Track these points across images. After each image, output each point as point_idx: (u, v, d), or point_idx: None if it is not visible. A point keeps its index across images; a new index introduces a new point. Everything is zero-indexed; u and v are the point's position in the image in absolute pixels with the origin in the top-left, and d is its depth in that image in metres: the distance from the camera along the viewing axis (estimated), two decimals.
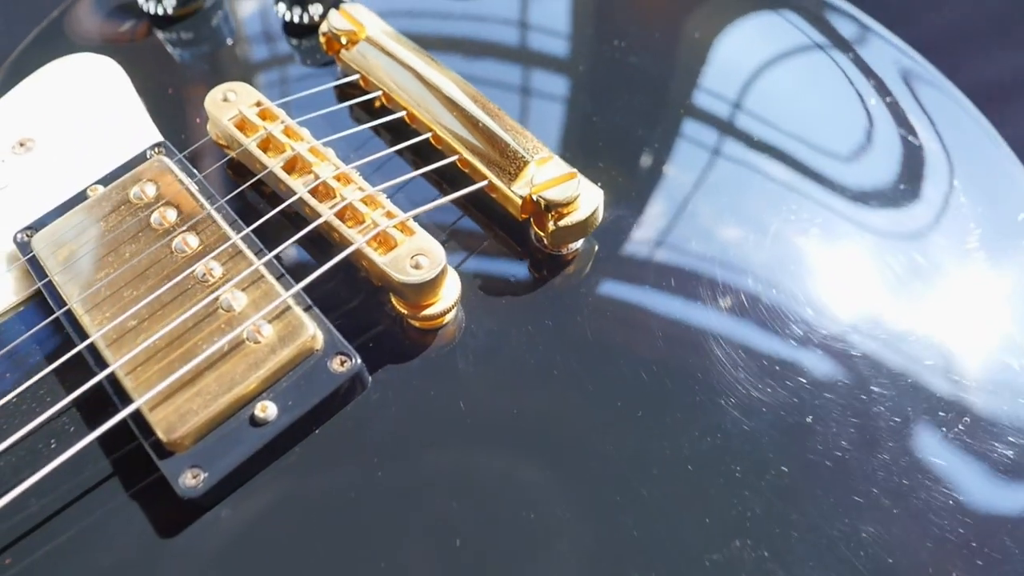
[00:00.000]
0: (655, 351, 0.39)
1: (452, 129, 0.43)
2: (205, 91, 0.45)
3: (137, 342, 0.36)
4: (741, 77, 0.49)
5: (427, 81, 0.44)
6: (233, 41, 0.53)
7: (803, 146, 0.45)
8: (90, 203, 0.40)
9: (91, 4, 0.56)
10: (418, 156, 0.45)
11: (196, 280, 0.38)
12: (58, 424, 0.37)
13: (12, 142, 0.46)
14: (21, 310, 0.41)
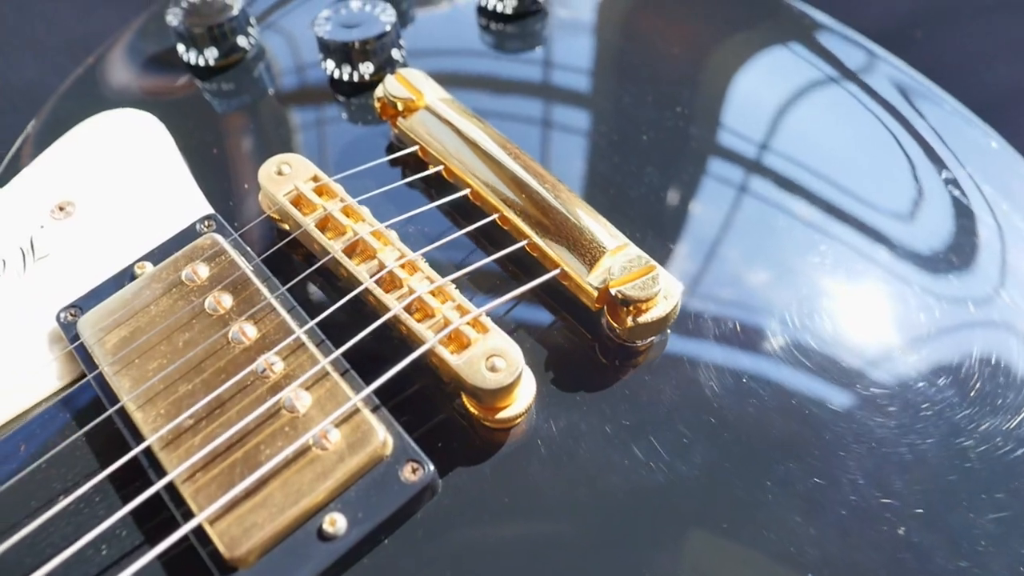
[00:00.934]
0: (745, 442, 0.37)
1: (522, 212, 0.41)
2: (250, 151, 0.44)
3: (195, 444, 0.35)
4: (815, 154, 0.47)
5: (494, 159, 0.43)
6: (278, 97, 0.51)
7: (893, 224, 0.43)
8: (139, 284, 0.38)
9: (126, 53, 0.54)
10: (484, 238, 0.43)
11: (256, 376, 0.36)
12: (109, 530, 0.34)
13: (51, 205, 0.44)
14: (64, 394, 0.39)
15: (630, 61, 0.52)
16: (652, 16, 0.55)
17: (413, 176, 0.44)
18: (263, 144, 0.47)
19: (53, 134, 0.49)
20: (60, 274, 0.42)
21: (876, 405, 0.37)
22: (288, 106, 0.50)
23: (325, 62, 0.50)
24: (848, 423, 0.37)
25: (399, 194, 0.44)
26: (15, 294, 0.41)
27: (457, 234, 0.41)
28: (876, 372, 0.38)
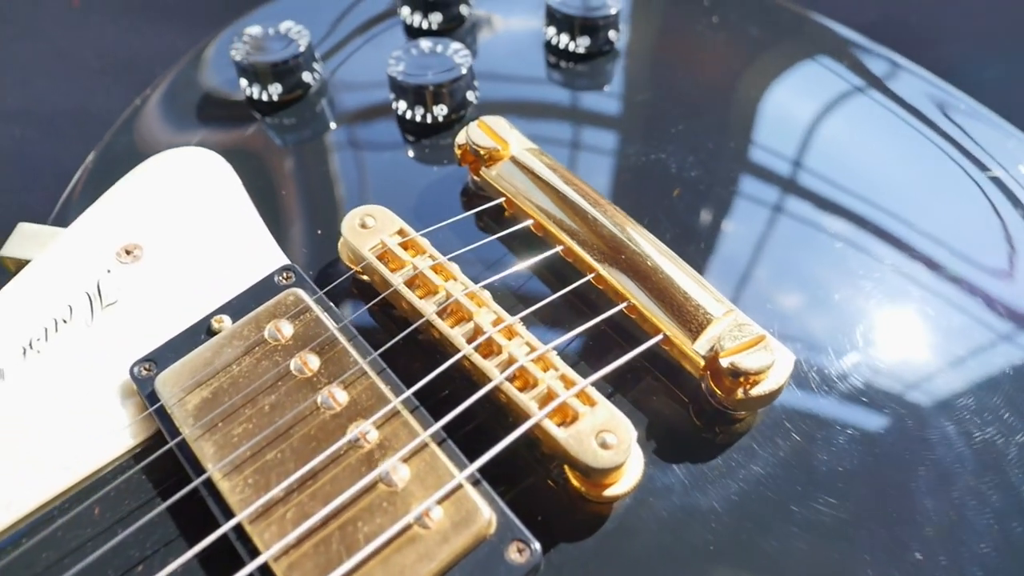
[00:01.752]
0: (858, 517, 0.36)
1: (620, 273, 0.40)
2: (318, 194, 0.44)
3: (287, 519, 0.33)
4: None
5: (589, 217, 0.41)
6: (344, 136, 0.50)
7: None
8: (220, 341, 0.36)
9: (184, 85, 0.51)
10: (579, 300, 0.42)
11: (349, 445, 0.34)
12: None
13: (117, 248, 0.42)
14: (145, 461, 0.37)
15: (707, 110, 0.50)
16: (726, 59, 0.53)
17: (502, 232, 0.43)
18: (331, 187, 0.45)
19: (111, 170, 0.48)
20: (130, 323, 0.40)
21: None
22: (356, 146, 0.49)
23: (397, 102, 0.48)
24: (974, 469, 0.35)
25: (487, 249, 0.42)
26: (84, 343, 0.40)
27: (553, 297, 0.40)
28: None
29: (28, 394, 0.38)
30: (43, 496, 0.35)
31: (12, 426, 0.37)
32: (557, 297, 0.40)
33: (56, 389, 0.38)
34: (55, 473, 0.36)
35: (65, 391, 0.38)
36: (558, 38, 0.53)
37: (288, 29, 0.51)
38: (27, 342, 0.39)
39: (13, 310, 0.40)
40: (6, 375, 0.38)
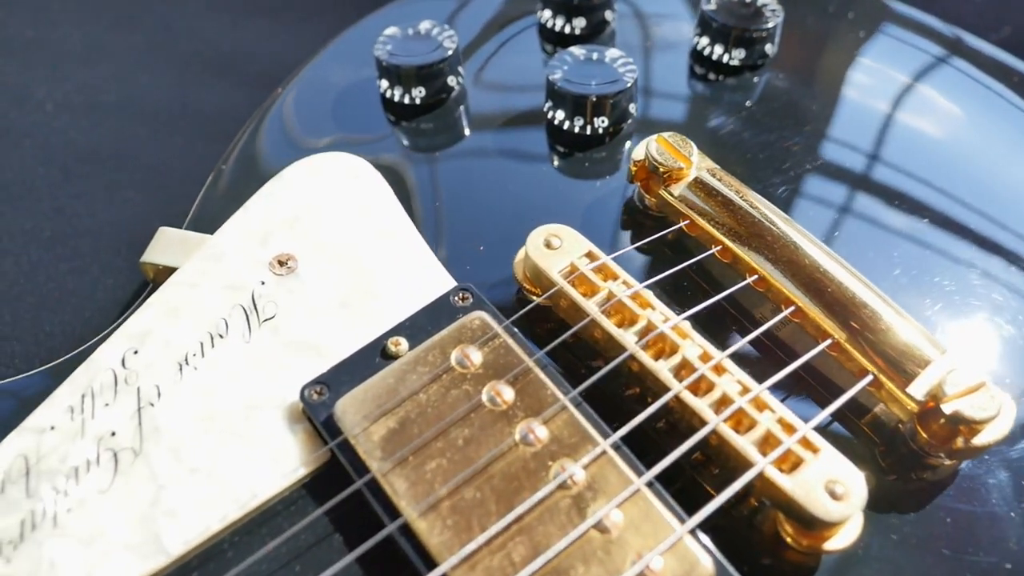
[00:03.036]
0: None
1: (825, 308, 0.37)
2: (467, 206, 0.43)
3: (495, 568, 0.31)
4: None
5: (789, 247, 0.39)
6: (493, 142, 0.49)
7: None
8: (403, 367, 0.33)
9: (317, 85, 0.49)
10: (777, 334, 0.39)
11: (557, 487, 0.32)
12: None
13: (270, 258, 0.39)
14: (309, 482, 0.35)
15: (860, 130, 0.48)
16: (882, 77, 0.51)
17: (691, 259, 0.40)
18: (483, 199, 0.43)
19: (247, 173, 0.46)
20: (290, 340, 0.38)
21: None
22: (504, 156, 0.47)
23: (555, 111, 0.45)
24: None
25: (671, 276, 0.39)
26: (244, 361, 0.38)
27: (756, 333, 0.38)
28: None
29: (187, 414, 0.36)
30: (213, 526, 0.33)
31: (170, 446, 0.35)
32: (759, 333, 0.38)
33: (216, 409, 0.36)
34: (222, 502, 0.34)
35: (226, 412, 0.36)
36: (711, 49, 0.51)
37: (432, 30, 0.48)
38: (183, 358, 0.37)
39: (165, 322, 0.38)
40: (162, 393, 0.36)
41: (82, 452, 0.35)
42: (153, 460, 0.34)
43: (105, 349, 0.37)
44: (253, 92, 0.63)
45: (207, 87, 0.64)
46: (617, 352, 0.35)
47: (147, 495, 0.34)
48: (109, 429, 0.35)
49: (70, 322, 0.51)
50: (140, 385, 0.36)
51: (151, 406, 0.36)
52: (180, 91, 0.64)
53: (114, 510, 0.33)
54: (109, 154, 0.60)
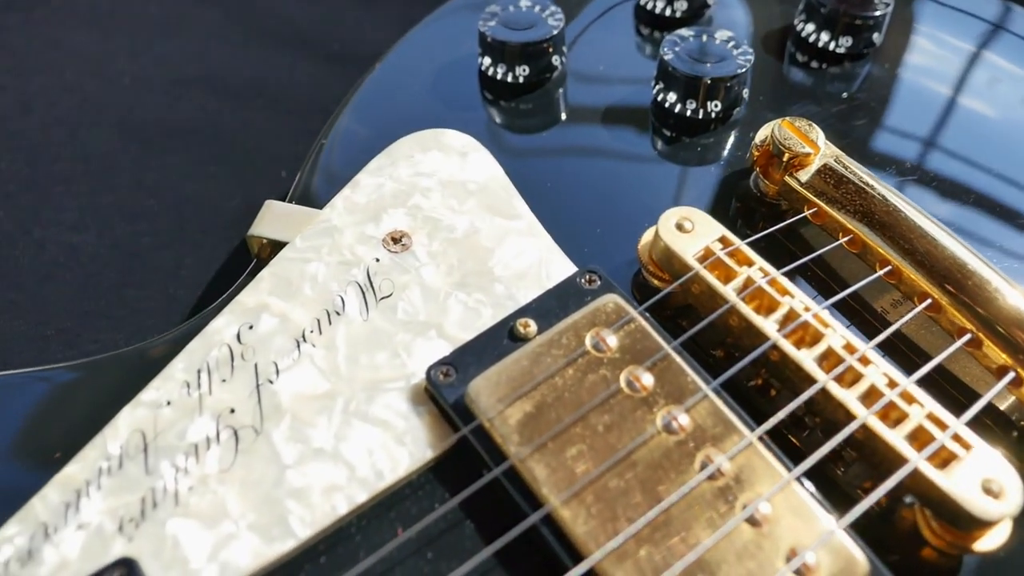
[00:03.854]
0: None
1: (965, 304, 0.36)
2: (575, 187, 0.42)
3: (643, 560, 0.29)
4: None
5: (928, 238, 0.37)
6: (596, 123, 0.47)
7: None
8: (537, 349, 0.32)
9: (413, 61, 0.47)
10: (920, 329, 0.38)
11: (705, 478, 0.31)
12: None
13: (383, 235, 0.37)
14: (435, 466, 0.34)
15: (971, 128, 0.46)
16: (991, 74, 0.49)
17: (820, 247, 0.39)
18: (588, 181, 0.42)
19: (348, 150, 0.45)
20: (409, 319, 0.37)
21: None
22: (610, 137, 0.45)
23: (666, 93, 0.44)
24: None
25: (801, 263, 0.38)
26: (362, 339, 0.36)
27: (899, 324, 0.36)
28: None
29: (307, 392, 0.35)
30: (340, 509, 0.32)
31: (292, 425, 0.34)
32: (900, 326, 0.36)
33: (337, 389, 0.35)
34: (348, 485, 0.33)
35: (347, 392, 0.35)
36: (817, 35, 0.49)
37: (536, 7, 0.47)
38: (300, 335, 0.35)
39: (279, 298, 0.38)
40: (281, 371, 0.34)
41: (201, 429, 0.33)
42: (275, 439, 0.33)
43: (218, 323, 0.36)
44: (332, 68, 0.62)
45: (286, 63, 0.63)
46: (756, 340, 0.34)
47: (271, 475, 0.32)
48: (228, 406, 0.34)
49: (154, 297, 0.50)
50: (257, 361, 0.35)
51: (270, 383, 0.34)
52: (259, 67, 0.63)
53: (238, 490, 0.32)
54: (189, 129, 0.59)
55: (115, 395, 0.35)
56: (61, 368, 0.37)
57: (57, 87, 0.61)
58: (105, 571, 0.30)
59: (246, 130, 0.59)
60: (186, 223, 0.54)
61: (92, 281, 0.51)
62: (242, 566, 0.31)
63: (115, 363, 0.37)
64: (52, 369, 0.37)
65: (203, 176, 0.55)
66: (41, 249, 0.52)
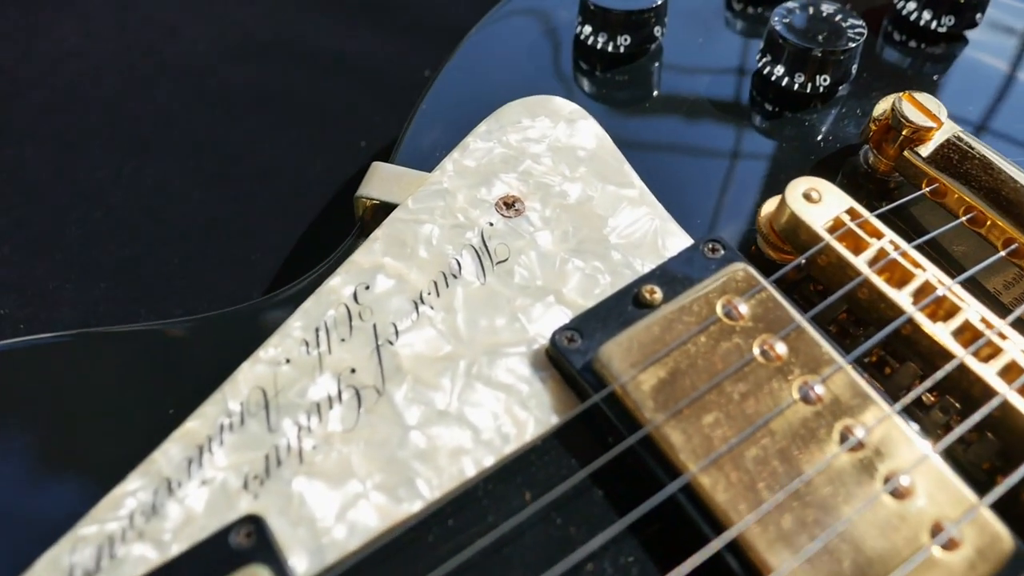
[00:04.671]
0: None
1: None
2: (679, 158, 0.41)
3: (786, 532, 0.29)
4: None
5: None
6: (699, 95, 0.46)
7: None
8: (668, 315, 0.31)
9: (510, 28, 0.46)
10: None
11: (845, 449, 0.30)
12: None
13: (495, 199, 0.37)
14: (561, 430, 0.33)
15: None
16: None
17: (945, 224, 0.38)
18: (690, 153, 0.41)
19: (450, 114, 0.45)
20: (526, 284, 0.37)
21: None
22: (711, 110, 0.45)
23: (773, 66, 0.43)
24: None
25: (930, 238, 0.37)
26: (480, 303, 0.36)
27: None
28: None
29: (427, 354, 0.35)
30: (467, 471, 0.32)
31: (414, 387, 0.34)
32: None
33: (458, 352, 0.35)
34: (474, 448, 0.33)
35: (468, 355, 0.35)
36: (919, 13, 0.48)
37: None
38: (417, 296, 0.35)
39: (395, 259, 0.37)
40: (400, 332, 0.34)
41: (322, 388, 0.33)
42: (397, 401, 0.33)
43: (334, 283, 0.36)
44: (411, 40, 0.61)
45: (364, 34, 0.62)
46: (889, 314, 0.33)
47: (395, 436, 0.32)
48: (348, 366, 0.33)
49: (235, 262, 0.50)
50: (376, 322, 0.34)
51: (389, 344, 0.34)
52: (338, 36, 0.62)
53: (362, 450, 0.31)
54: (267, 96, 0.58)
55: (227, 353, 0.34)
56: (172, 323, 0.36)
57: (135, 51, 0.60)
58: (232, 527, 0.30)
59: (324, 99, 0.58)
60: (266, 189, 0.53)
61: (172, 247, 0.50)
62: (370, 526, 0.30)
63: (226, 321, 0.36)
64: (162, 324, 0.36)
65: (283, 143, 0.55)
66: (122, 213, 0.51)
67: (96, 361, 0.35)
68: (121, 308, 0.46)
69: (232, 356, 0.35)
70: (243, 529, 0.29)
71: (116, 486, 0.31)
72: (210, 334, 0.36)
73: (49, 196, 0.52)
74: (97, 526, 0.30)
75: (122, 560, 0.29)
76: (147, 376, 0.35)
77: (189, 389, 0.34)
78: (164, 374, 0.35)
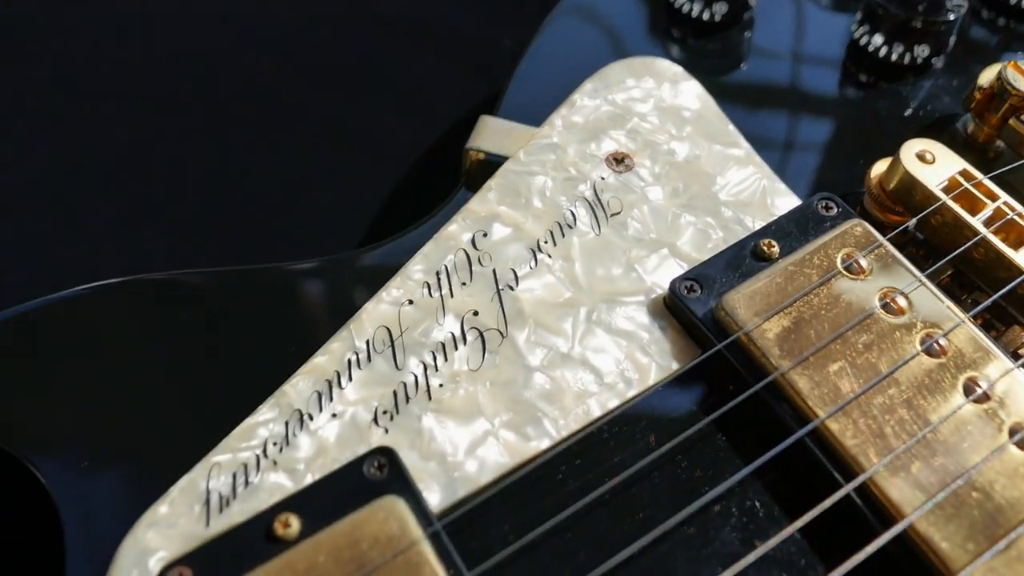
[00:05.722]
0: None
1: None
2: (775, 125, 0.42)
3: (917, 477, 0.30)
4: None
5: None
6: (790, 65, 0.47)
7: None
8: (789, 268, 0.32)
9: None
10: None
11: (969, 400, 0.31)
12: None
13: (605, 154, 0.37)
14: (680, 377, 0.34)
15: None
16: None
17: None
18: (788, 119, 0.42)
19: (549, 73, 0.45)
20: (640, 237, 0.38)
21: None
22: (805, 78, 0.46)
23: (872, 36, 0.43)
24: None
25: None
26: (596, 253, 0.37)
27: None
28: None
29: (547, 300, 0.35)
30: (593, 412, 0.33)
31: (535, 331, 0.35)
32: None
33: (576, 298, 0.36)
34: (598, 390, 0.33)
35: (587, 301, 0.36)
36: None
37: None
38: (535, 244, 0.35)
39: (510, 208, 0.38)
40: (520, 278, 0.34)
41: (446, 329, 0.33)
42: (520, 343, 0.33)
43: (451, 229, 0.36)
44: (486, 9, 0.61)
45: (450, 7, 0.62)
46: (1005, 274, 0.34)
47: (520, 377, 0.32)
48: (471, 308, 0.34)
49: (329, 219, 0.50)
50: (495, 267, 0.35)
51: (510, 289, 0.34)
52: (418, 4, 0.62)
53: (488, 389, 0.32)
54: (351, 65, 0.59)
55: (342, 296, 0.36)
56: (286, 265, 0.37)
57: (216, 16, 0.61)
58: (366, 458, 0.30)
59: (406, 66, 0.59)
60: (352, 151, 0.54)
61: (266, 202, 0.51)
62: (500, 462, 0.31)
63: (340, 264, 0.37)
64: (278, 266, 0.36)
65: (368, 109, 0.55)
66: (220, 174, 0.52)
67: (217, 298, 0.35)
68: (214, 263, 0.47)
69: (346, 299, 0.35)
70: (376, 460, 0.30)
71: (247, 417, 0.32)
72: (324, 277, 0.37)
73: (145, 159, 0.53)
74: (231, 454, 0.31)
75: (257, 487, 0.30)
76: (267, 314, 0.35)
77: (307, 329, 0.34)
78: (284, 313, 0.35)
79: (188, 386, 0.33)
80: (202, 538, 0.29)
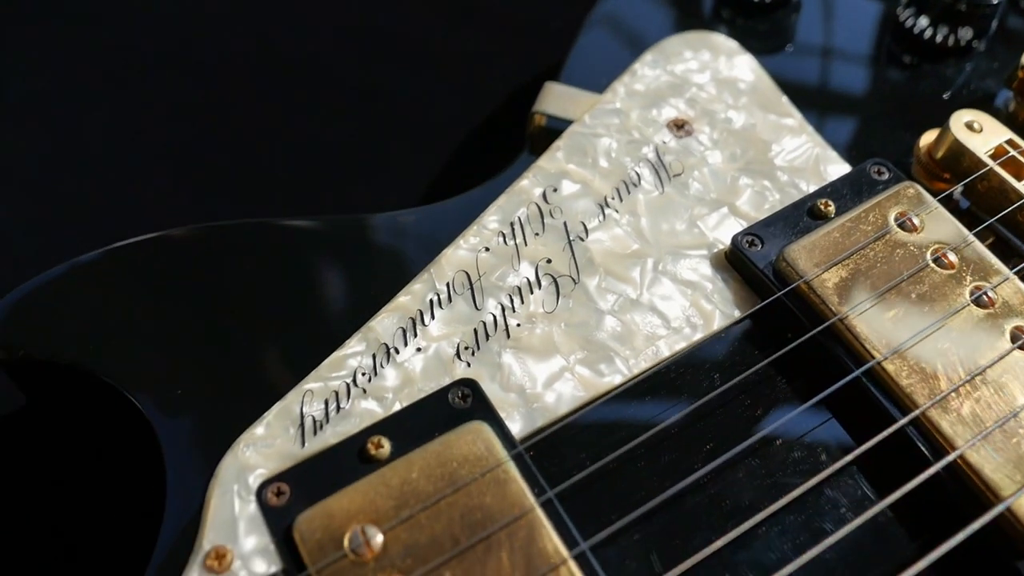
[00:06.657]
0: None
1: None
2: (819, 102, 0.44)
3: (966, 413, 0.32)
4: None
5: None
6: (836, 43, 0.49)
7: None
8: (846, 224, 0.35)
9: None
10: None
11: (1016, 346, 0.34)
12: None
13: (666, 120, 0.40)
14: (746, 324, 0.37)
15: None
16: None
17: None
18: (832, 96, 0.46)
19: (602, 47, 0.48)
20: (701, 197, 0.40)
21: None
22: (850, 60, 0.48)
23: (917, 17, 0.46)
24: None
25: None
26: (661, 212, 0.40)
27: None
28: None
29: (615, 251, 0.38)
30: (662, 352, 0.36)
31: (605, 278, 0.37)
32: None
33: (643, 251, 0.38)
34: (667, 334, 0.36)
35: (653, 253, 0.38)
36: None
37: None
38: (602, 200, 0.38)
39: (578, 166, 0.41)
40: (589, 230, 0.37)
41: (521, 274, 0.36)
42: (591, 289, 0.36)
43: (523, 183, 0.39)
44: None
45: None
46: None
47: (592, 319, 0.35)
48: (544, 256, 0.36)
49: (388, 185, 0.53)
50: (566, 220, 0.38)
51: (580, 240, 0.37)
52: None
53: (563, 330, 0.35)
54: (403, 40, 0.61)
55: (422, 244, 0.38)
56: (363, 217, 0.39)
57: None
58: (450, 388, 0.33)
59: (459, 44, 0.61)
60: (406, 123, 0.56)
61: (326, 170, 0.53)
62: (576, 395, 0.33)
63: (416, 216, 0.39)
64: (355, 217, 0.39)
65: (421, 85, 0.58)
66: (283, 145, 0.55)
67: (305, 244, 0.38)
68: None
69: (424, 248, 0.38)
70: (461, 391, 0.33)
71: (337, 349, 0.34)
72: (401, 228, 0.39)
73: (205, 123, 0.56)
74: (322, 383, 0.33)
75: (348, 412, 0.33)
76: (347, 262, 0.38)
77: (387, 274, 0.37)
78: (364, 259, 0.38)
79: (278, 325, 0.35)
80: (298, 457, 0.32)
